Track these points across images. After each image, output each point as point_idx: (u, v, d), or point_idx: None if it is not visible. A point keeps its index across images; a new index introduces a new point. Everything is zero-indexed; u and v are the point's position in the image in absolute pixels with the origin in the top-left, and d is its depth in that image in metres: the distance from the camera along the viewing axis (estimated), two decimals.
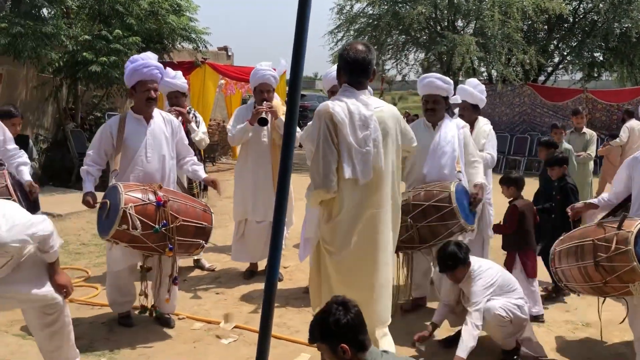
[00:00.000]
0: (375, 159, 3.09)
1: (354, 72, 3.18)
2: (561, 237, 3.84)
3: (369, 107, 3.15)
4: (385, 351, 2.64)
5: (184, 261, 5.56)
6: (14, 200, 3.95)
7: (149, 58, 4.24)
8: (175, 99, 5.40)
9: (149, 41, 11.19)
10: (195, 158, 4.66)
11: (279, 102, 5.34)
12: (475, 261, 3.91)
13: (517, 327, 3.86)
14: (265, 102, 5.13)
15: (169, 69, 5.31)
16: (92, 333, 4.18)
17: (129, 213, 3.75)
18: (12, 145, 4.37)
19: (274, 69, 5.40)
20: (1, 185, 3.99)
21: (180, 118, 5.11)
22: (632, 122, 9.35)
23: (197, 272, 5.74)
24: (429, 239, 4.19)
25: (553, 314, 4.80)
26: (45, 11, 10.26)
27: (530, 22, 16.97)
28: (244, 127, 5.16)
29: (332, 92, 5.06)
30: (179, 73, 5.49)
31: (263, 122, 5.01)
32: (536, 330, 4.42)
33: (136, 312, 4.39)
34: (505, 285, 3.89)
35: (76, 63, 10.07)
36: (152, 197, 3.91)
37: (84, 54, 9.83)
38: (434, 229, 4.18)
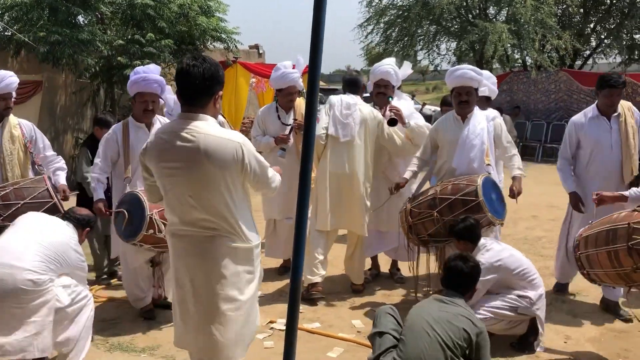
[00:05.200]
0: (353, 128, 4.82)
1: (349, 86, 5.14)
2: (589, 223, 3.75)
3: (356, 100, 4.96)
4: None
5: None
6: (54, 203, 4.15)
7: (151, 71, 4.42)
8: None
9: (181, 43, 11.39)
10: None
11: (302, 101, 5.43)
12: (486, 240, 4.01)
13: (516, 320, 3.87)
14: (294, 122, 5.27)
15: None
16: (132, 330, 4.33)
17: (154, 219, 4.05)
18: (51, 152, 4.61)
19: (294, 66, 5.44)
20: (42, 189, 4.20)
21: None
22: None
23: None
24: None
25: (590, 305, 4.73)
26: (80, 18, 10.55)
27: (564, 6, 16.56)
28: (269, 143, 5.33)
29: (377, 85, 5.08)
30: None
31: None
32: (572, 321, 4.38)
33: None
34: (514, 269, 3.88)
35: (112, 67, 10.35)
36: None
37: (119, 58, 10.08)
38: None
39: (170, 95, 5.54)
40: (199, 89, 2.69)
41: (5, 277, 3.22)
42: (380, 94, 5.05)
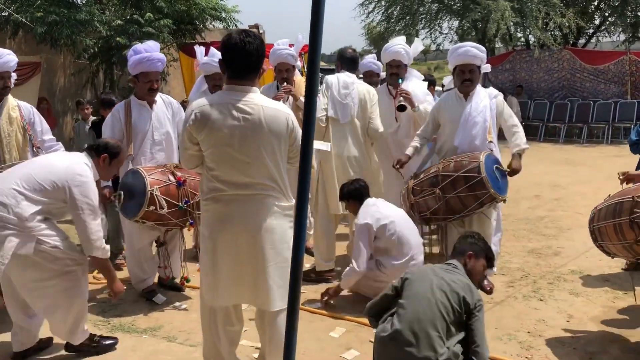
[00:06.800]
0: (352, 109, 4.72)
1: (348, 63, 5.00)
2: (606, 197, 3.75)
3: (352, 79, 4.84)
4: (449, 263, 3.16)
5: None
6: None
7: (152, 50, 4.37)
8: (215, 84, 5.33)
9: (180, 22, 11.28)
10: None
11: (302, 80, 5.35)
12: (371, 199, 4.29)
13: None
14: (285, 83, 5.11)
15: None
16: (134, 311, 4.33)
17: (155, 195, 4.07)
18: (49, 137, 4.59)
19: (291, 45, 5.35)
20: None
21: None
22: None
23: None
24: (459, 210, 4.15)
25: (592, 284, 4.73)
26: None
27: None
28: None
29: (390, 66, 5.05)
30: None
31: None
32: (574, 300, 4.38)
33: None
34: (400, 243, 4.11)
35: (110, 48, 10.26)
36: (172, 177, 4.23)
37: (118, 38, 9.99)
38: (464, 200, 4.15)
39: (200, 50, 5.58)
40: (253, 65, 2.80)
41: None
42: (394, 75, 5.03)
